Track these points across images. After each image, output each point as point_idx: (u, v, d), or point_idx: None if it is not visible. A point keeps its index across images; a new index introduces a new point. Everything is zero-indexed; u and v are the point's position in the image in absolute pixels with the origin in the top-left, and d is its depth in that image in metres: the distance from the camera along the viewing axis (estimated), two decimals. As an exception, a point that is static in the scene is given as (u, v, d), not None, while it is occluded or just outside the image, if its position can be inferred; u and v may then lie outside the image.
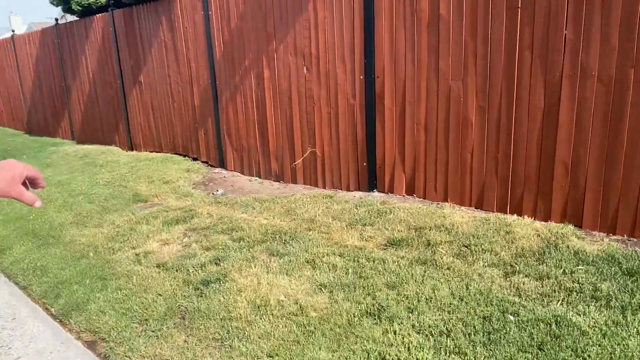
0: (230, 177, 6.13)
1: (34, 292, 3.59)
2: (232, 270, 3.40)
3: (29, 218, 5.02)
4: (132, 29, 7.30)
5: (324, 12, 4.75)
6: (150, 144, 7.69)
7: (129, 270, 3.64)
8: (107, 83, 8.16)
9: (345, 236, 3.75)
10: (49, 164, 7.35)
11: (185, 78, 6.65)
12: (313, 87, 5.05)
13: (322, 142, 5.12)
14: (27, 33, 10.41)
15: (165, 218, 4.62)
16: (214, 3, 5.92)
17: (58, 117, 9.84)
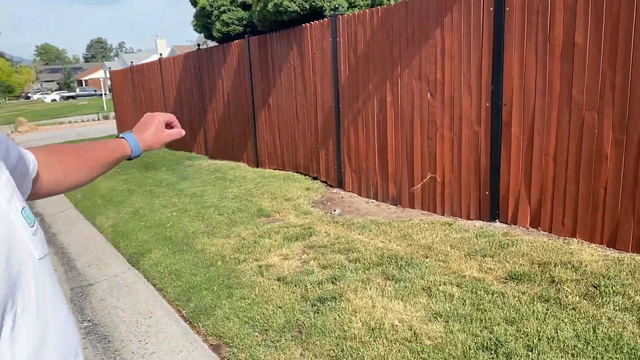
0: (347, 197, 6.27)
1: (168, 294, 3.95)
2: (347, 290, 3.49)
3: (166, 225, 5.53)
4: (264, 54, 7.79)
5: (451, 38, 4.75)
6: (274, 162, 8.10)
7: (252, 281, 3.88)
8: (239, 104, 8.77)
9: (463, 266, 3.68)
10: (185, 177, 8.03)
11: (310, 101, 6.95)
12: (436, 113, 5.04)
13: (443, 168, 5.08)
14: (172, 56, 11.51)
15: (285, 234, 4.85)
16: (342, 30, 6.16)
17: (195, 133, 10.73)
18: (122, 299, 4.07)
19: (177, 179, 7.89)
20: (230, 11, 8.52)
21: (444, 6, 4.76)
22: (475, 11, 4.52)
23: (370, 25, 5.71)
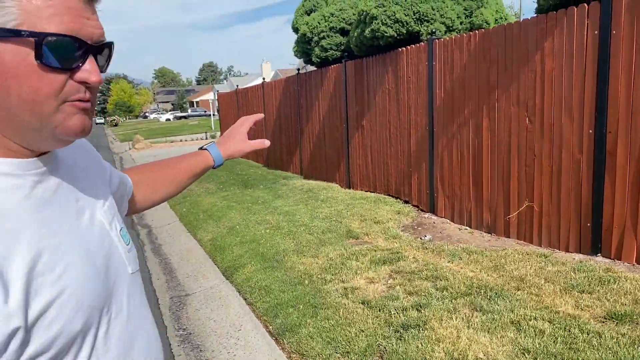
0: (439, 223, 6.16)
1: (257, 309, 4.12)
2: (432, 319, 3.44)
3: (260, 242, 5.76)
4: (360, 78, 7.93)
5: (551, 63, 4.57)
6: (366, 184, 8.16)
7: (337, 302, 3.93)
8: (334, 126, 8.97)
9: (557, 301, 3.48)
10: (280, 195, 8.32)
11: (404, 124, 6.95)
12: (534, 139, 4.85)
13: (541, 196, 4.85)
14: (274, 80, 12.04)
15: (373, 257, 4.87)
16: (438, 54, 6.13)
17: (291, 154, 11.09)
18: (215, 311, 4.29)
19: (272, 197, 8.20)
20: (329, 37, 8.78)
21: (544, 30, 4.60)
22: (579, 35, 4.32)
23: (467, 49, 5.64)
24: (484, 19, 6.89)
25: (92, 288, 0.79)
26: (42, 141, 0.77)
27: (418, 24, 6.74)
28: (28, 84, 0.70)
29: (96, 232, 0.86)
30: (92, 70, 0.75)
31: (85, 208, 0.86)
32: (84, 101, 0.76)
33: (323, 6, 9.18)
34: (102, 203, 0.92)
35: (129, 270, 0.93)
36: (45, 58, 0.70)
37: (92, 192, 0.91)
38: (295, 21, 9.68)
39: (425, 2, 6.68)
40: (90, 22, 0.75)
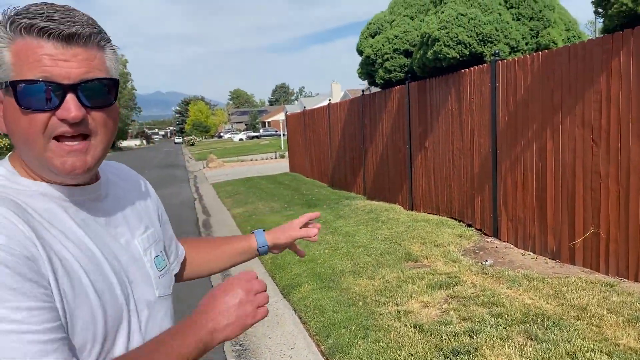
0: (502, 248, 6.00)
1: (311, 328, 4.20)
2: (484, 346, 3.38)
3: (318, 261, 5.86)
4: (423, 99, 7.93)
5: (617, 84, 4.40)
6: (428, 206, 8.09)
7: (388, 325, 3.94)
8: (397, 147, 8.98)
9: (619, 333, 3.32)
10: (341, 216, 8.41)
11: (467, 145, 6.86)
12: (600, 163, 4.66)
13: (608, 222, 4.64)
14: (339, 102, 12.24)
15: (430, 281, 4.83)
16: (501, 76, 6.05)
17: (355, 174, 11.18)
18: (271, 328, 4.42)
19: (333, 217, 8.30)
20: (393, 59, 8.85)
21: (610, 50, 4.45)
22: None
23: (530, 70, 5.53)
24: (550, 39, 6.73)
25: (112, 300, 0.89)
26: (51, 175, 0.89)
27: (481, 45, 6.69)
28: (20, 126, 0.84)
29: (127, 255, 0.98)
30: (69, 107, 0.83)
31: (123, 234, 0.99)
32: (73, 139, 0.85)
33: (387, 28, 9.28)
34: (143, 232, 1.05)
35: (157, 294, 1.02)
36: (22, 102, 0.82)
37: (134, 223, 1.04)
38: (359, 44, 9.84)
39: (489, 24, 6.61)
40: (68, 64, 0.83)
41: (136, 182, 1.16)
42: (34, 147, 0.85)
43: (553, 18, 6.90)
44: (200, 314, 0.91)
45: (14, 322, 0.71)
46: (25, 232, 0.78)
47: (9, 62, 0.83)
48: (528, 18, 6.76)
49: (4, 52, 0.83)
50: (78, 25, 0.83)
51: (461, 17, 6.70)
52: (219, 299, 0.93)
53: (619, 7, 4.52)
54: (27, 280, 0.74)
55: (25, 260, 0.75)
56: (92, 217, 0.93)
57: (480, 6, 6.74)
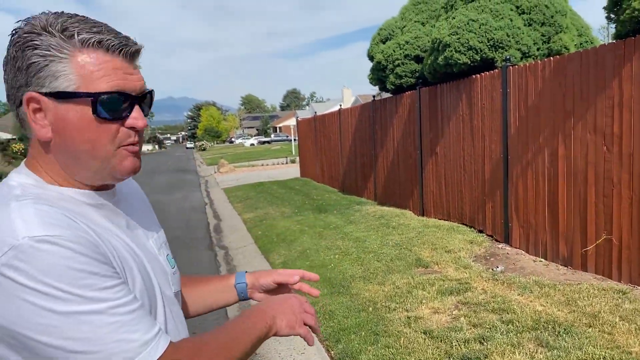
0: (513, 254, 5.97)
1: (321, 333, 4.20)
2: (494, 352, 3.36)
3: (328, 267, 5.87)
4: (434, 105, 7.92)
5: (630, 90, 4.37)
6: (439, 212, 8.07)
7: (398, 331, 3.94)
8: (407, 152, 8.97)
9: (631, 341, 3.29)
10: (352, 221, 8.41)
11: (478, 151, 6.84)
12: (613, 169, 4.63)
13: (620, 229, 4.60)
14: (350, 107, 12.26)
15: (440, 287, 4.81)
16: (512, 81, 6.03)
17: (365, 179, 11.18)
18: (281, 333, 4.42)
19: (344, 223, 8.30)
20: (404, 64, 8.86)
21: (622, 56, 4.43)
22: (659, 60, 4.12)
23: (541, 75, 5.51)
24: (562, 44, 6.70)
25: (152, 293, 0.97)
26: (100, 179, 0.95)
27: (492, 50, 6.68)
28: (88, 134, 0.89)
29: (148, 255, 1.03)
30: (138, 117, 0.92)
31: (139, 236, 1.04)
32: (133, 145, 0.94)
33: (398, 34, 9.29)
34: (153, 234, 1.10)
35: (173, 289, 1.07)
36: (100, 112, 0.88)
37: (145, 224, 1.09)
38: (370, 49, 9.87)
39: (500, 29, 6.60)
40: (133, 77, 0.91)
41: (136, 187, 1.21)
42: (101, 153, 0.91)
43: (565, 23, 6.87)
44: (264, 305, 1.07)
45: (106, 300, 0.79)
46: (80, 225, 0.84)
47: (73, 73, 0.86)
48: (540, 23, 6.74)
49: (64, 64, 0.86)
50: (135, 43, 0.93)
51: (472, 22, 6.70)
52: (278, 301, 1.10)
53: (631, 12, 4.50)
54: (102, 263, 0.82)
55: (93, 246, 0.82)
56: (116, 220, 0.98)
57: (492, 12, 6.74)
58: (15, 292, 0.75)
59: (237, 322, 1.00)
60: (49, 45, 0.85)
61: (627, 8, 4.54)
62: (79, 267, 0.78)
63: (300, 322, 1.08)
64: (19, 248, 0.75)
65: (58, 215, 0.82)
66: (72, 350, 0.76)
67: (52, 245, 0.77)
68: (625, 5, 4.57)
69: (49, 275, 0.75)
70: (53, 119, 0.88)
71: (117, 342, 0.78)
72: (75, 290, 0.76)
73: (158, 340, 0.83)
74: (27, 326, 0.76)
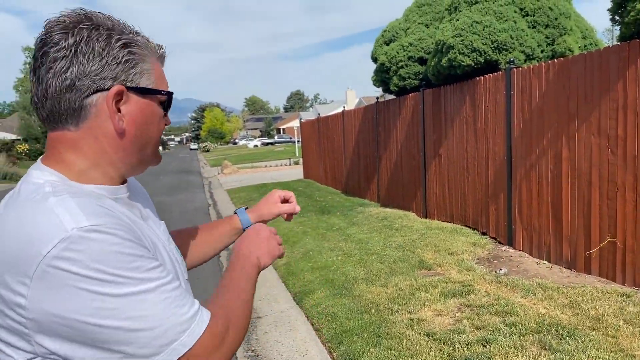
0: (516, 256, 5.95)
1: (323, 335, 4.20)
2: (497, 355, 3.35)
3: (331, 268, 5.87)
4: (438, 107, 7.92)
5: (635, 92, 4.36)
6: (442, 214, 8.05)
7: (401, 333, 3.93)
8: (410, 154, 8.96)
9: (635, 344, 3.28)
10: (355, 223, 8.40)
11: (482, 153, 6.83)
12: (617, 171, 4.61)
13: (625, 232, 4.58)
14: (353, 109, 12.25)
15: (443, 289, 4.80)
16: (516, 83, 6.02)
17: (369, 181, 11.18)
18: (284, 334, 4.43)
19: (347, 224, 8.29)
20: (408, 66, 8.86)
21: (627, 58, 4.42)
22: (664, 62, 4.11)
23: (545, 78, 5.50)
24: (567, 46, 6.68)
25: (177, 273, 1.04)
26: (134, 171, 1.04)
27: (496, 52, 6.67)
28: (157, 127, 1.02)
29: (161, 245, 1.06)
30: (168, 116, 1.06)
31: (152, 227, 1.08)
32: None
33: (402, 36, 9.29)
34: (160, 225, 1.14)
35: (185, 277, 1.13)
36: (165, 109, 1.03)
37: (153, 217, 1.14)
38: (374, 51, 9.87)
39: (504, 31, 6.60)
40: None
41: (136, 182, 1.25)
42: (153, 146, 1.03)
43: (569, 26, 6.85)
44: (244, 250, 1.15)
45: (155, 280, 0.85)
46: (116, 215, 0.89)
47: (152, 73, 0.98)
48: (544, 26, 6.72)
49: (150, 64, 0.98)
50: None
51: (476, 24, 6.69)
52: (253, 237, 1.20)
53: (635, 14, 4.49)
54: (143, 247, 0.88)
55: (132, 232, 0.88)
56: (132, 211, 1.02)
57: (496, 14, 6.73)
58: (70, 281, 0.78)
59: (234, 275, 1.08)
60: (144, 45, 0.97)
61: (632, 10, 4.53)
62: (127, 252, 0.83)
63: (278, 247, 1.23)
64: (70, 239, 0.78)
65: (96, 206, 0.86)
66: (132, 328, 0.81)
67: (100, 234, 0.81)
68: (630, 7, 4.56)
69: (101, 262, 0.79)
70: (132, 113, 0.95)
71: (170, 317, 0.84)
72: (127, 274, 0.81)
73: (202, 313, 0.90)
74: (87, 312, 0.79)
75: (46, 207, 0.83)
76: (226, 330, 0.93)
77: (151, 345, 0.82)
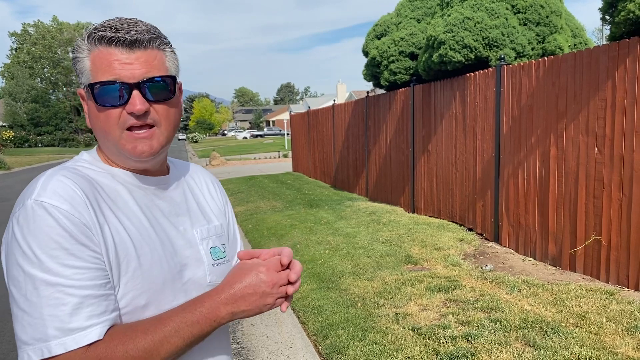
0: (502, 253, 5.99)
1: (308, 328, 4.20)
2: (481, 351, 3.37)
3: (318, 262, 5.86)
4: (427, 102, 7.92)
5: (623, 92, 4.39)
6: (429, 209, 8.08)
7: (386, 327, 3.94)
8: (400, 149, 8.97)
9: (617, 342, 3.31)
10: (343, 217, 8.40)
11: (470, 150, 6.85)
12: (604, 170, 4.65)
13: (609, 230, 4.62)
14: (344, 103, 12.23)
15: (429, 284, 4.82)
16: (506, 81, 6.04)
17: (357, 175, 11.18)
18: (269, 327, 4.42)
19: (335, 218, 8.29)
20: (398, 61, 8.85)
21: (616, 58, 4.44)
22: (653, 62, 4.13)
23: (535, 76, 5.52)
24: (557, 44, 6.71)
25: (157, 273, 1.00)
26: (125, 161, 1.04)
27: (487, 49, 6.68)
28: (100, 120, 1.01)
29: (184, 241, 1.09)
30: (135, 102, 0.98)
31: (182, 223, 1.11)
32: (140, 129, 1.00)
33: (394, 30, 9.27)
34: (203, 225, 1.15)
35: (207, 280, 1.10)
36: (98, 101, 0.99)
37: (196, 215, 1.15)
38: (365, 45, 9.84)
39: (495, 28, 6.60)
40: (132, 66, 0.98)
41: (207, 181, 1.27)
42: (111, 137, 1.01)
43: (560, 24, 6.88)
44: (224, 297, 0.97)
45: (62, 276, 0.87)
46: (87, 203, 0.94)
47: (89, 69, 1.00)
48: (535, 23, 6.74)
49: (85, 61, 1.00)
50: (139, 33, 0.99)
51: (467, 20, 6.69)
52: (246, 287, 0.98)
53: (626, 14, 4.51)
54: (79, 244, 0.89)
55: (82, 226, 0.91)
56: (155, 204, 1.07)
57: (487, 10, 6.73)
58: (13, 244, 0.89)
59: (182, 317, 0.95)
60: (78, 47, 1.01)
61: (622, 10, 4.55)
62: (55, 238, 0.88)
63: (273, 303, 1.00)
64: (25, 207, 0.90)
65: (70, 189, 0.93)
66: (21, 307, 0.87)
67: (44, 212, 0.89)
68: (621, 7, 4.58)
69: (33, 236, 0.87)
70: (88, 110, 1.04)
71: (51, 318, 0.86)
72: (42, 257, 0.87)
73: (90, 332, 0.88)
74: (8, 274, 0.90)
75: (42, 176, 0.95)
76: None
77: (27, 332, 0.86)
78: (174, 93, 1.05)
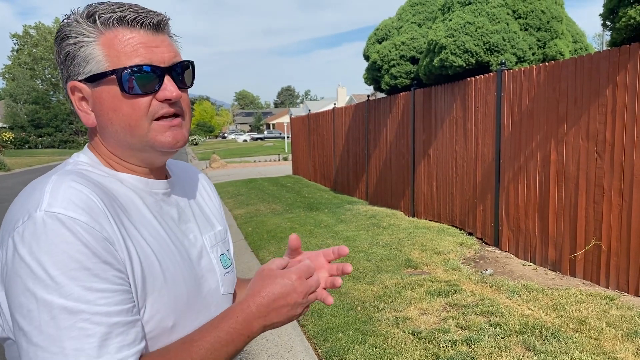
0: (502, 257, 5.99)
1: (308, 331, 4.19)
2: (481, 355, 3.37)
3: (318, 265, 5.85)
4: (428, 107, 7.93)
5: (624, 97, 4.40)
6: (429, 213, 8.08)
7: (386, 331, 3.94)
8: (400, 153, 8.98)
9: (617, 347, 3.31)
10: (343, 220, 8.41)
11: (470, 154, 6.86)
12: (604, 176, 4.66)
13: (610, 235, 4.63)
14: (344, 106, 12.25)
15: (429, 288, 4.82)
16: (507, 85, 6.05)
17: (357, 179, 11.18)
18: (269, 330, 4.40)
19: (335, 222, 8.29)
20: (399, 65, 8.87)
21: (616, 64, 4.45)
22: (653, 68, 4.15)
23: (536, 81, 5.53)
24: (558, 50, 6.73)
25: (182, 290, 0.91)
26: (147, 158, 0.93)
27: (488, 54, 6.69)
28: (123, 112, 0.88)
29: (197, 251, 1.00)
30: (170, 88, 0.89)
31: (192, 230, 1.02)
32: (169, 118, 0.91)
33: (395, 35, 9.29)
34: (209, 230, 1.07)
35: (221, 291, 1.03)
36: (127, 88, 0.86)
37: (201, 220, 1.06)
38: (366, 49, 9.86)
39: (496, 33, 6.62)
40: (160, 49, 0.89)
41: (202, 182, 1.18)
42: (139, 130, 0.89)
43: (561, 29, 6.90)
44: (255, 310, 0.88)
45: (86, 302, 0.74)
46: (107, 214, 0.81)
47: (101, 54, 0.87)
48: (535, 28, 6.76)
49: (92, 47, 0.87)
50: (157, 15, 0.90)
51: (469, 25, 6.71)
52: (278, 298, 0.89)
53: (626, 20, 4.52)
54: (102, 262, 0.77)
55: (103, 241, 0.78)
56: (166, 211, 0.97)
57: (488, 15, 6.75)
58: (15, 264, 0.75)
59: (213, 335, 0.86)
60: (76, 32, 0.87)
61: (623, 16, 4.56)
62: (75, 257, 0.74)
63: (302, 311, 0.93)
64: (33, 220, 0.75)
65: (86, 198, 0.80)
66: (33, 342, 0.73)
67: (60, 225, 0.75)
68: (621, 13, 4.59)
69: (46, 253, 0.74)
70: (93, 103, 0.89)
71: (76, 352, 0.72)
72: (60, 279, 0.73)
73: None
74: (12, 303, 0.76)
75: (45, 183, 0.81)
76: None
77: None
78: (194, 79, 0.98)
